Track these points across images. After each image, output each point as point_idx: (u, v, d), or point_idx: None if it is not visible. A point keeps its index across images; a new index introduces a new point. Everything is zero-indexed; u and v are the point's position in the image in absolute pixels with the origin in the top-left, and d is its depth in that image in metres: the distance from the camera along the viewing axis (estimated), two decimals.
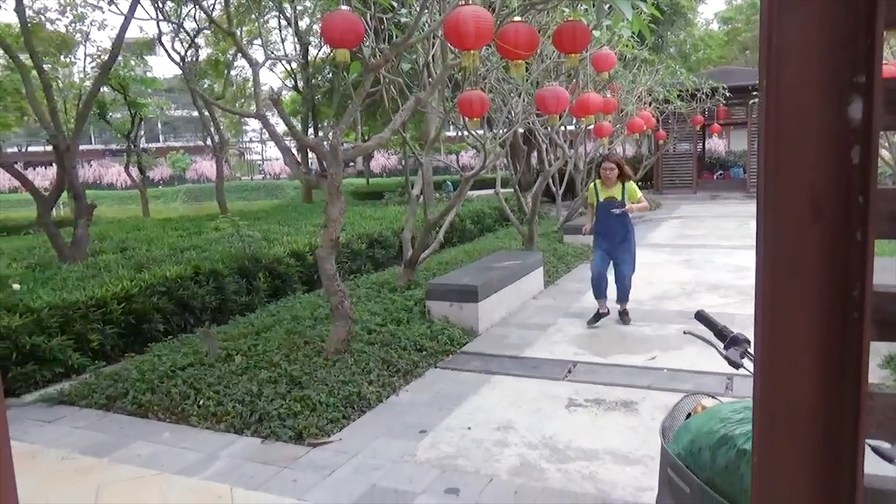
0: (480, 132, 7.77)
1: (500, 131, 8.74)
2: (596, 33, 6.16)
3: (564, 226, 11.48)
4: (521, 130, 12.19)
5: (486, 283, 6.40)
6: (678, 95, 13.80)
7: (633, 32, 6.02)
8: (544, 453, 3.73)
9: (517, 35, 4.27)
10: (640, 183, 21.36)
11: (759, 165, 0.71)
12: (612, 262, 6.37)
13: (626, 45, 7.58)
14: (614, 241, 6.29)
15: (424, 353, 5.43)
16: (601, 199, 6.32)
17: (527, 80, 7.86)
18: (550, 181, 11.89)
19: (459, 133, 10.13)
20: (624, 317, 6.44)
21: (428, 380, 5.06)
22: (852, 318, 0.69)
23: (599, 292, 6.36)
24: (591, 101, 6.83)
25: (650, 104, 13.42)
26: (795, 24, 0.69)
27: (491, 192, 13.56)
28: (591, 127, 9.52)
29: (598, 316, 6.34)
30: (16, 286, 5.59)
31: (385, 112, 8.00)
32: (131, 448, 4.00)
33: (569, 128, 12.74)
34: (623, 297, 6.45)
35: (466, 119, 6.42)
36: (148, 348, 5.69)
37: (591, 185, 6.59)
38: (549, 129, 10.23)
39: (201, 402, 4.45)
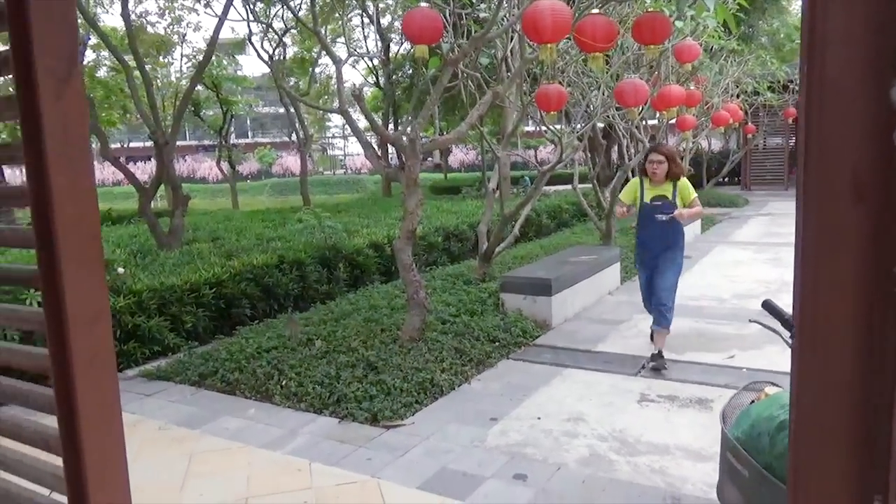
0: (559, 126, 7.73)
1: (579, 125, 8.67)
2: (679, 24, 6.03)
3: None
4: (600, 125, 12.01)
5: (560, 276, 6.39)
6: (769, 87, 13.21)
7: (719, 22, 5.85)
8: (614, 445, 3.73)
9: (595, 28, 4.27)
10: (724, 179, 20.28)
11: (799, 149, 0.74)
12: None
13: (712, 36, 7.34)
14: (658, 250, 5.08)
15: (497, 344, 5.50)
16: (646, 200, 5.04)
17: (607, 73, 7.76)
18: (630, 176, 11.66)
19: (538, 127, 10.11)
20: (657, 360, 4.90)
21: (500, 370, 5.13)
22: (892, 294, 0.72)
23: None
24: (673, 93, 6.70)
25: (738, 96, 12.90)
26: (839, 13, 0.72)
27: (568, 187, 13.43)
28: (674, 120, 9.30)
29: (656, 358, 4.94)
30: (120, 270, 6.05)
31: (463, 107, 8.11)
32: (220, 422, 4.28)
33: (651, 122, 12.44)
34: (659, 319, 5.03)
35: (544, 113, 6.43)
36: (236, 331, 6.04)
37: (634, 180, 5.25)
38: (629, 122, 10.05)
39: (284, 383, 4.71)
